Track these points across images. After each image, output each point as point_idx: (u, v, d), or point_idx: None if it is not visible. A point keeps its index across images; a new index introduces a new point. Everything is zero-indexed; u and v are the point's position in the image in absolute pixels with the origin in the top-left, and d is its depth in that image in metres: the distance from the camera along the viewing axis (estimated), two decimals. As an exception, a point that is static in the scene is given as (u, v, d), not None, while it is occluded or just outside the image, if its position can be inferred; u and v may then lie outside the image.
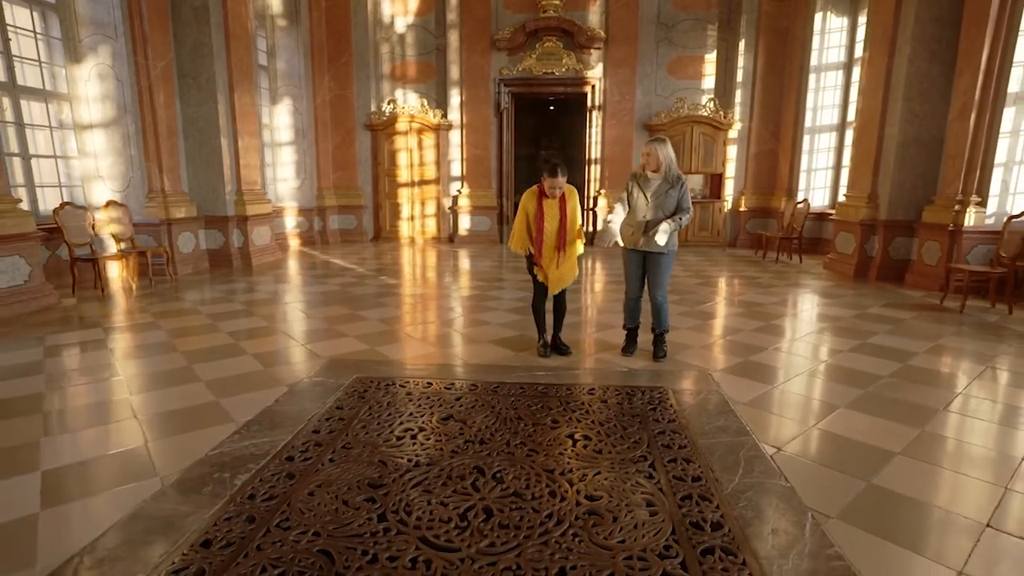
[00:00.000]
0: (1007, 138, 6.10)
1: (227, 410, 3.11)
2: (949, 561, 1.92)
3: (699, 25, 10.51)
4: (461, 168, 10.96)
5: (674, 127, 10.50)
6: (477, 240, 10.97)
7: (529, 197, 3.90)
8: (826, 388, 3.51)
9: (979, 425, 3.03)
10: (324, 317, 5.23)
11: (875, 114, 7.16)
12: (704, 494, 2.32)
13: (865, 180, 7.35)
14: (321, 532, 2.04)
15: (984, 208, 6.22)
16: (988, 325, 5.01)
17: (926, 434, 2.88)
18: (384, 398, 3.30)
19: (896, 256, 7.12)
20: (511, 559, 1.91)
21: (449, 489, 2.34)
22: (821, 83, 9.57)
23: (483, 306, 5.73)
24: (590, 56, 10.49)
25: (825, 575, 1.84)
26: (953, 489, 2.40)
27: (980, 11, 6.09)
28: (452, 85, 10.71)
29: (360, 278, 7.31)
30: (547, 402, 3.28)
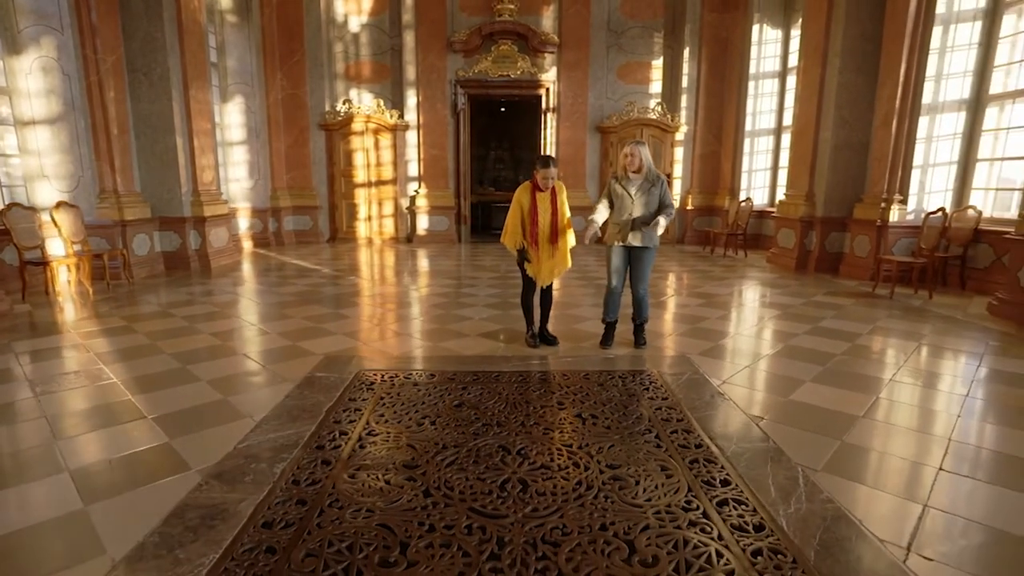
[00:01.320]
0: (922, 143, 6.85)
1: (238, 407, 3.15)
2: (917, 498, 2.30)
3: (646, 32, 11.04)
4: (418, 168, 11.01)
5: (625, 129, 10.98)
6: (436, 240, 11.07)
7: (523, 192, 4.12)
8: (791, 366, 3.92)
9: (920, 391, 3.50)
10: (305, 316, 5.24)
11: (811, 120, 7.83)
12: (708, 458, 2.62)
13: (803, 180, 8.02)
14: (374, 509, 2.18)
15: (906, 205, 6.96)
16: (914, 309, 5.65)
17: (881, 400, 3.32)
18: (392, 390, 3.43)
19: (832, 249, 7.82)
20: (556, 520, 2.12)
21: (481, 466, 2.52)
22: (759, 90, 10.29)
23: (460, 303, 5.89)
24: (544, 60, 10.80)
25: (821, 515, 2.17)
26: (910, 443, 2.81)
27: (897, 31, 6.82)
28: (408, 86, 10.75)
29: (329, 278, 7.29)
30: (548, 387, 3.51)
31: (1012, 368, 3.87)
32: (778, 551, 1.96)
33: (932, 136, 6.81)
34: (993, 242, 6.21)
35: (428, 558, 1.91)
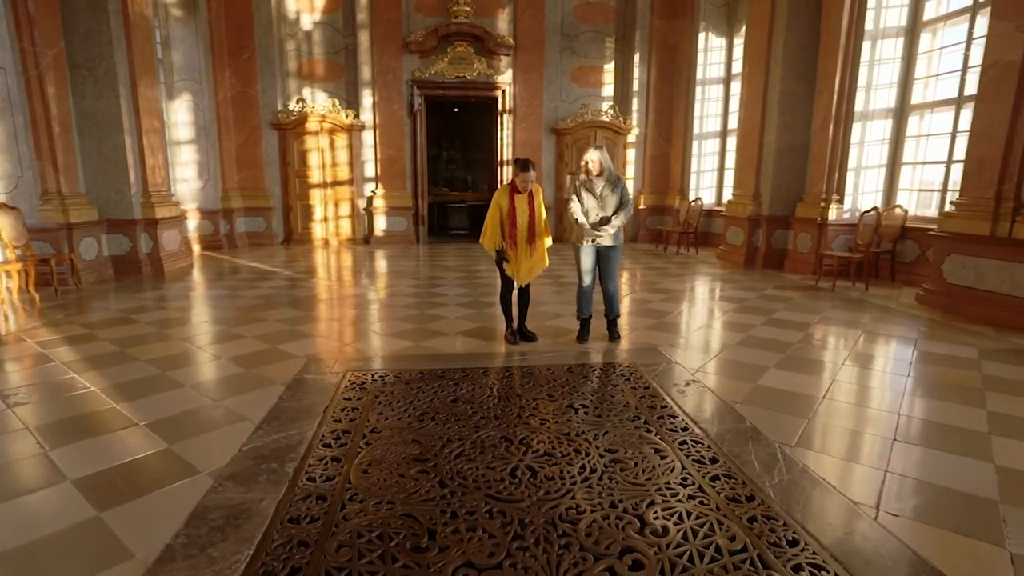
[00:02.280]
0: (856, 147, 7.45)
1: (233, 410, 3.14)
2: (879, 465, 2.59)
3: (598, 37, 11.38)
4: (375, 169, 10.93)
5: (579, 131, 11.29)
6: (394, 240, 11.02)
7: (502, 194, 4.25)
8: (754, 354, 4.24)
9: (869, 373, 3.89)
10: (278, 320, 5.18)
11: (756, 124, 8.34)
12: (695, 439, 2.84)
13: (750, 181, 8.53)
14: (395, 501, 2.27)
15: (842, 205, 7.55)
16: (853, 300, 6.16)
17: (837, 382, 3.66)
18: (385, 389, 3.49)
19: (777, 246, 8.36)
20: (568, 501, 2.28)
21: (488, 456, 2.65)
22: (705, 95, 10.82)
23: (432, 302, 5.96)
24: (500, 62, 10.96)
25: (801, 483, 2.43)
26: (866, 419, 3.14)
27: (832, 43, 7.38)
28: (364, 85, 10.65)
29: (292, 281, 7.17)
30: (536, 381, 3.67)
31: (941, 350, 4.33)
32: (769, 516, 2.18)
33: (864, 141, 7.41)
34: (918, 238, 6.85)
35: (457, 542, 2.02)
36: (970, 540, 2.07)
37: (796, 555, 1.96)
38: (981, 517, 2.21)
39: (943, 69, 6.80)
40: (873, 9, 7.07)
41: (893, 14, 7.08)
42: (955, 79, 6.53)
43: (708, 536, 2.06)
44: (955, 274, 5.60)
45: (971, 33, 6.32)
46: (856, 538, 2.07)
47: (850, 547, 2.01)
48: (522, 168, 4.18)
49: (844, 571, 1.88)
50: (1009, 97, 5.17)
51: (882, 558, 1.96)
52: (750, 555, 1.96)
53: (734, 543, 2.03)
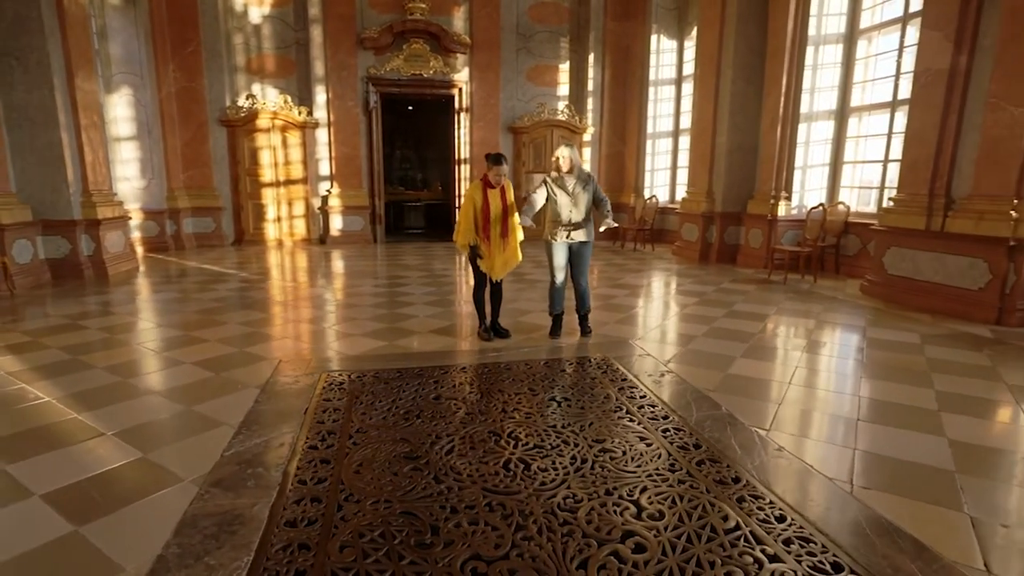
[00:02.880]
0: (802, 147, 7.85)
1: (208, 415, 3.02)
2: (846, 444, 2.76)
3: (553, 37, 11.51)
4: (330, 167, 10.68)
5: (536, 130, 11.40)
6: (351, 240, 10.81)
7: (475, 189, 4.25)
8: (721, 345, 4.41)
9: (827, 359, 4.12)
10: (240, 322, 5.00)
11: (708, 124, 8.65)
12: (677, 427, 2.95)
13: (703, 179, 8.83)
14: (392, 499, 2.25)
15: (790, 201, 7.94)
16: (804, 292, 6.50)
17: (800, 369, 3.86)
18: (365, 388, 3.44)
19: (730, 241, 8.70)
20: (565, 491, 2.32)
21: (479, 451, 2.66)
22: (658, 95, 11.13)
23: (399, 302, 5.89)
24: (456, 60, 10.91)
25: (779, 462, 2.56)
26: (830, 402, 3.32)
27: (778, 47, 7.75)
28: (317, 82, 10.38)
29: (249, 282, 6.93)
30: (515, 376, 3.70)
31: (888, 337, 4.63)
32: (756, 495, 2.30)
33: (809, 141, 7.81)
34: (859, 232, 7.28)
35: (462, 536, 2.03)
36: (936, 507, 2.24)
37: (785, 530, 2.07)
38: (942, 486, 2.39)
39: (879, 74, 7.25)
40: (815, 17, 7.47)
41: (833, 21, 7.50)
42: (890, 84, 6.98)
43: (702, 517, 2.15)
44: (895, 266, 5.99)
45: (903, 41, 6.77)
46: (836, 511, 2.20)
47: (832, 519, 2.14)
48: (495, 162, 4.21)
49: (830, 542, 2.00)
50: (939, 102, 5.57)
51: (861, 527, 2.09)
52: (743, 532, 2.06)
53: (727, 522, 2.12)
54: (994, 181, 5.11)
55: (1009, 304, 4.99)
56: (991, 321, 5.02)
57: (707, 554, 1.94)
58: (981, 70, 5.29)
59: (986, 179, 5.19)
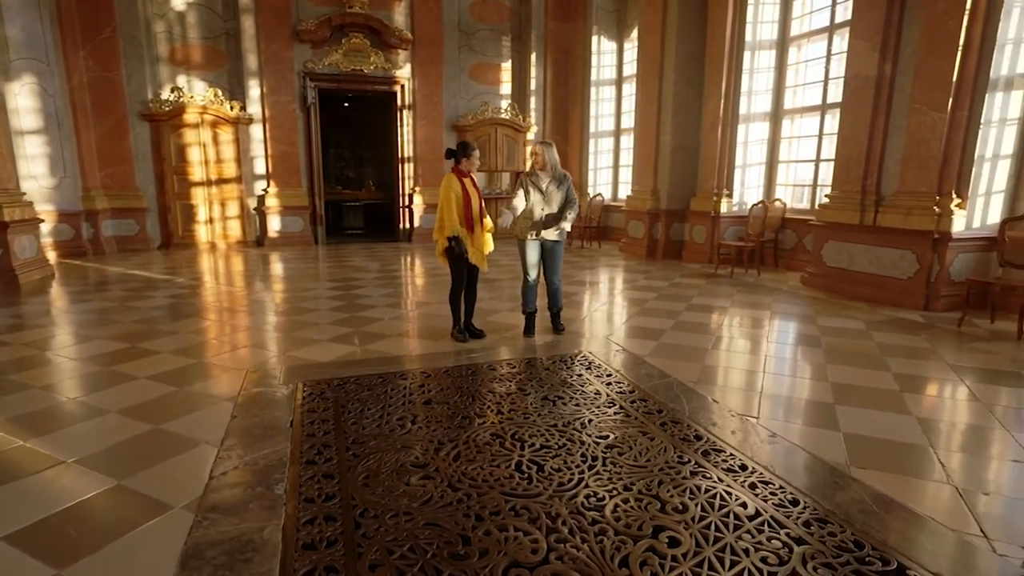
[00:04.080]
0: (741, 147, 8.25)
1: (183, 434, 2.77)
2: (833, 427, 2.92)
3: (495, 35, 11.49)
4: (266, 165, 10.15)
5: (480, 128, 11.33)
6: (290, 242, 10.32)
7: (453, 181, 4.16)
8: (691, 338, 4.56)
9: (791, 348, 4.35)
10: (191, 332, 4.64)
11: (652, 125, 8.92)
12: (673, 419, 3.01)
13: (648, 178, 9.10)
14: (411, 511, 2.15)
15: (732, 199, 8.33)
16: (751, 285, 6.84)
17: (770, 358, 4.05)
18: (348, 396, 3.28)
19: (675, 238, 9.02)
20: (585, 489, 2.31)
21: (487, 455, 2.60)
22: (599, 95, 11.37)
23: (359, 304, 5.68)
24: (398, 56, 10.66)
25: (777, 447, 2.67)
26: (807, 389, 3.51)
27: (717, 52, 8.12)
28: (250, 75, 9.82)
29: (189, 288, 6.45)
30: (500, 376, 3.65)
31: (837, 324, 4.95)
32: (766, 481, 2.38)
33: (747, 141, 8.22)
34: (795, 228, 7.75)
35: (495, 544, 1.97)
36: (923, 481, 2.41)
37: (801, 513, 2.16)
38: (918, 461, 2.58)
39: (809, 79, 7.74)
40: (751, 24, 7.87)
41: (767, 28, 7.93)
42: (819, 88, 7.47)
43: (723, 506, 2.20)
44: (833, 258, 6.43)
45: (830, 49, 7.27)
46: (833, 488, 2.32)
47: (839, 498, 2.25)
48: (471, 149, 4.18)
49: (845, 522, 2.11)
50: (868, 105, 6.03)
51: (868, 504, 2.21)
52: (765, 518, 2.12)
53: (747, 509, 2.18)
54: (918, 179, 5.59)
55: (934, 291, 5.47)
56: (919, 307, 5.49)
57: (738, 542, 1.99)
58: (904, 77, 5.76)
59: (911, 177, 5.66)
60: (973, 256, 5.46)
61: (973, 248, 5.43)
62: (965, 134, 5.31)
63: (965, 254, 5.43)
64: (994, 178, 5.41)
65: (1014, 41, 5.16)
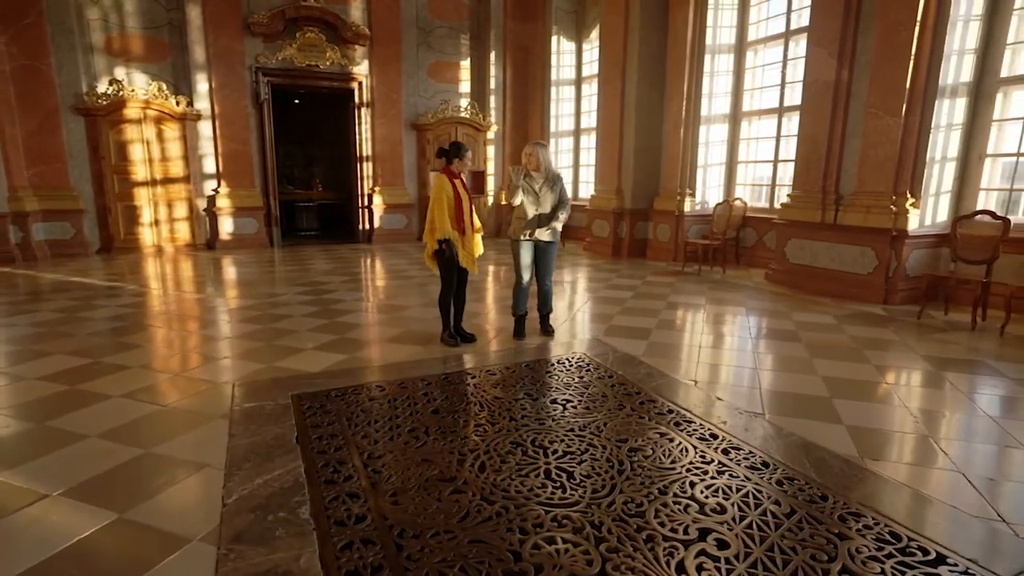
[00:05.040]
0: (703, 147, 8.48)
1: (181, 457, 2.56)
2: (836, 420, 3.03)
3: (453, 34, 11.34)
4: (217, 164, 9.62)
5: (440, 127, 11.18)
6: (244, 245, 9.84)
7: (444, 182, 4.06)
8: (678, 336, 4.64)
9: (776, 344, 4.49)
10: (161, 343, 4.32)
11: (615, 125, 9.04)
12: (685, 419, 3.04)
13: (612, 177, 9.23)
14: (452, 529, 2.07)
15: (695, 198, 8.56)
16: (719, 281, 7.05)
17: (760, 355, 4.17)
18: (351, 408, 3.13)
19: (639, 237, 9.19)
20: (621, 496, 2.29)
21: (512, 464, 2.53)
22: (559, 95, 11.43)
23: (334, 310, 5.46)
24: (355, 52, 10.35)
25: (791, 440, 2.74)
26: (804, 384, 3.62)
27: (679, 55, 8.31)
28: (197, 69, 9.28)
29: (144, 296, 6.01)
30: (504, 381, 3.59)
31: (810, 319, 5.17)
32: (790, 478, 2.43)
33: (708, 142, 8.47)
34: (756, 226, 8.05)
35: (547, 557, 1.91)
36: (934, 470, 2.53)
37: (834, 507, 2.22)
38: (928, 452, 2.71)
39: (766, 83, 8.05)
40: (712, 28, 8.10)
41: (725, 33, 8.19)
42: (776, 92, 7.78)
43: (757, 505, 2.23)
44: (796, 255, 6.71)
45: (786, 54, 7.58)
46: (844, 476, 2.40)
47: (850, 485, 2.33)
48: (464, 150, 4.11)
49: (876, 513, 2.18)
50: (827, 109, 6.32)
51: (901, 494, 2.30)
52: (800, 515, 2.17)
53: (781, 507, 2.22)
54: (876, 180, 5.90)
55: (892, 286, 5.80)
56: (879, 301, 5.81)
57: (783, 540, 2.01)
58: (860, 83, 6.07)
59: (869, 178, 5.98)
60: (925, 252, 5.83)
61: (926, 245, 5.80)
62: (917, 138, 5.65)
63: (919, 250, 5.79)
64: (942, 179, 5.79)
65: (958, 52, 5.53)
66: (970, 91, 5.65)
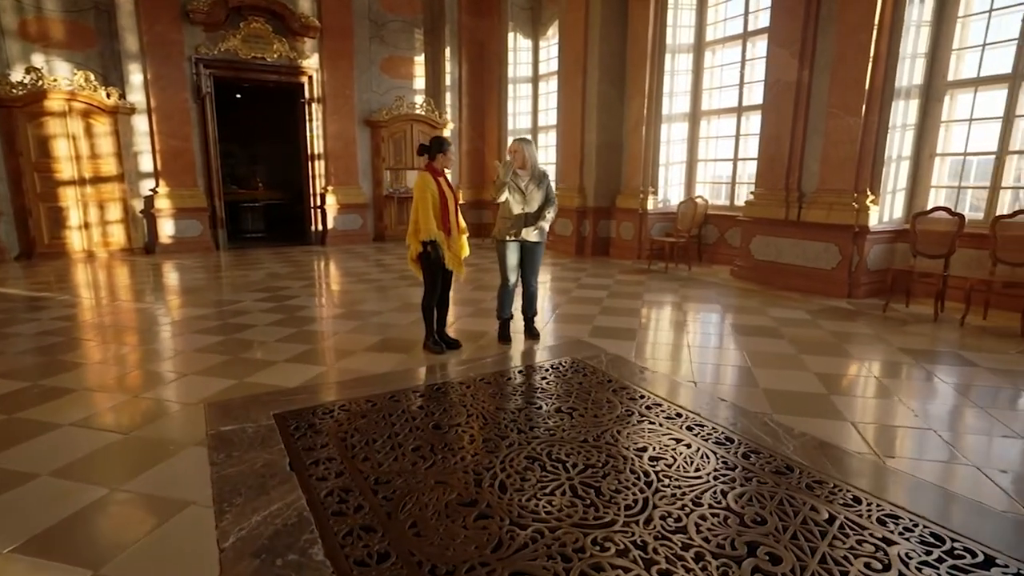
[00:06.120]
0: (664, 146, 8.56)
1: (158, 495, 2.24)
2: (843, 418, 3.03)
3: (407, 28, 11.01)
4: (155, 162, 8.91)
5: (395, 124, 10.83)
6: (187, 248, 9.17)
7: (428, 180, 3.83)
8: (665, 336, 4.60)
9: (766, 342, 4.50)
10: (107, 360, 3.88)
11: (576, 123, 9.00)
12: (697, 423, 2.95)
13: (574, 175, 9.18)
14: (488, 561, 1.88)
15: (657, 196, 8.63)
16: (687, 278, 7.11)
17: (752, 352, 4.17)
18: (342, 426, 2.87)
19: (602, 235, 9.19)
20: (656, 512, 2.16)
21: (532, 482, 2.37)
22: (516, 93, 11.29)
23: (300, 318, 5.11)
24: (304, 45, 9.84)
25: (805, 441, 2.70)
26: (799, 381, 3.62)
27: (640, 54, 8.36)
28: (130, 59, 8.56)
29: (79, 307, 5.43)
30: (501, 390, 3.42)
31: (786, 315, 5.26)
32: (819, 482, 2.38)
33: (670, 140, 8.55)
34: (717, 223, 8.19)
35: (599, 587, 1.76)
36: (949, 464, 2.55)
37: (870, 509, 2.17)
38: (938, 446, 2.74)
39: (725, 83, 8.20)
40: (672, 27, 8.17)
41: (685, 32, 8.28)
42: (735, 91, 7.93)
43: (797, 512, 2.16)
44: (761, 251, 6.85)
45: (744, 55, 7.74)
46: (877, 478, 2.38)
47: (880, 487, 2.31)
48: (447, 146, 3.91)
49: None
50: (789, 108, 6.47)
51: (920, 489, 2.29)
52: (840, 520, 2.11)
53: (818, 513, 2.16)
54: (838, 177, 6.09)
55: (855, 280, 6.00)
56: (844, 295, 5.99)
57: (831, 549, 1.94)
58: (820, 84, 6.24)
59: (831, 176, 6.16)
60: (884, 247, 6.06)
61: (885, 240, 6.03)
62: (876, 137, 5.86)
63: (879, 245, 6.01)
64: (898, 177, 6.04)
65: (911, 56, 5.77)
66: (922, 93, 5.90)
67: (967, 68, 5.76)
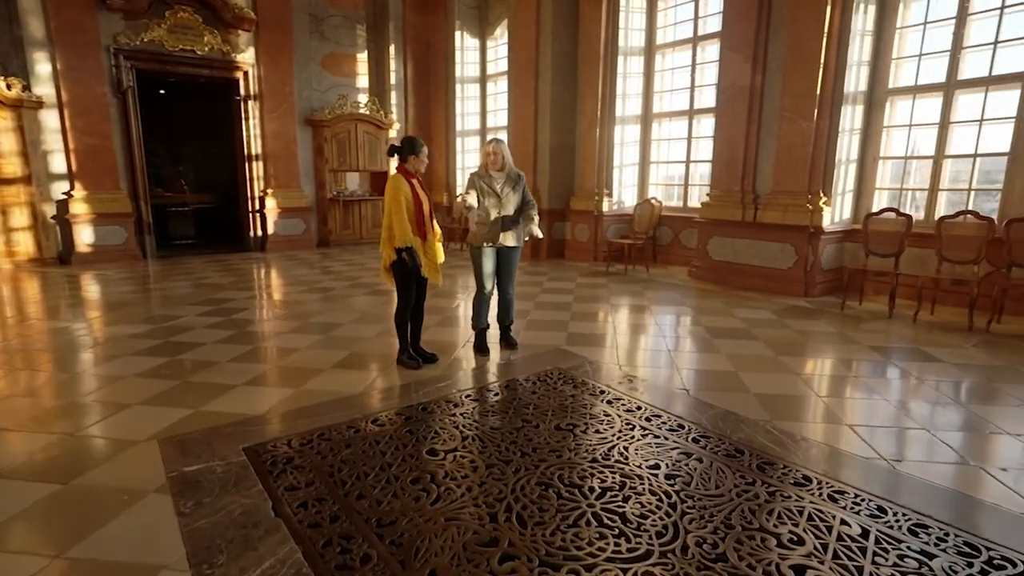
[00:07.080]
0: (618, 147, 8.59)
1: (116, 560, 1.88)
2: (838, 421, 3.03)
3: (349, 23, 10.55)
4: (68, 162, 8.04)
5: (339, 124, 10.36)
6: (109, 257, 8.33)
7: (401, 183, 3.58)
8: (645, 341, 4.53)
9: (744, 344, 4.51)
10: (32, 391, 3.36)
11: (529, 123, 8.88)
12: (702, 434, 2.86)
13: (527, 177, 8.98)
14: (524, 610, 1.68)
15: (612, 197, 8.64)
16: (647, 280, 7.13)
17: (737, 356, 4.15)
18: (326, 460, 2.58)
19: (557, 237, 9.10)
20: (689, 538, 2.03)
21: (550, 512, 2.18)
22: (464, 93, 11.05)
23: (251, 333, 4.69)
24: (239, 38, 9.20)
25: (822, 450, 2.67)
26: (789, 384, 3.62)
27: (592, 55, 8.34)
28: (34, 46, 7.68)
29: None
30: (489, 408, 3.22)
31: (753, 315, 5.33)
32: (841, 492, 2.33)
33: (623, 142, 8.58)
34: (671, 224, 8.29)
35: (655, 634, 1.60)
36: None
37: (897, 519, 2.13)
38: (928, 442, 2.78)
39: (676, 86, 8.31)
40: (623, 29, 8.20)
41: (636, 35, 8.34)
42: (686, 94, 8.05)
43: (828, 528, 2.09)
44: (718, 252, 6.97)
45: (695, 59, 7.87)
46: (898, 486, 2.37)
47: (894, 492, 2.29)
48: (420, 146, 3.68)
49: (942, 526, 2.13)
50: (743, 112, 6.61)
51: (910, 485, 2.28)
52: (872, 532, 2.05)
53: (851, 528, 2.09)
54: (792, 179, 6.27)
55: (811, 279, 6.19)
56: (801, 294, 6.17)
57: (879, 569, 1.87)
58: (772, 88, 6.41)
59: (785, 178, 6.33)
60: (835, 247, 6.29)
61: (836, 240, 6.26)
62: (827, 140, 6.07)
63: (831, 245, 6.23)
64: (847, 179, 6.28)
65: (856, 63, 6.01)
66: (866, 99, 6.17)
67: (905, 76, 6.07)
